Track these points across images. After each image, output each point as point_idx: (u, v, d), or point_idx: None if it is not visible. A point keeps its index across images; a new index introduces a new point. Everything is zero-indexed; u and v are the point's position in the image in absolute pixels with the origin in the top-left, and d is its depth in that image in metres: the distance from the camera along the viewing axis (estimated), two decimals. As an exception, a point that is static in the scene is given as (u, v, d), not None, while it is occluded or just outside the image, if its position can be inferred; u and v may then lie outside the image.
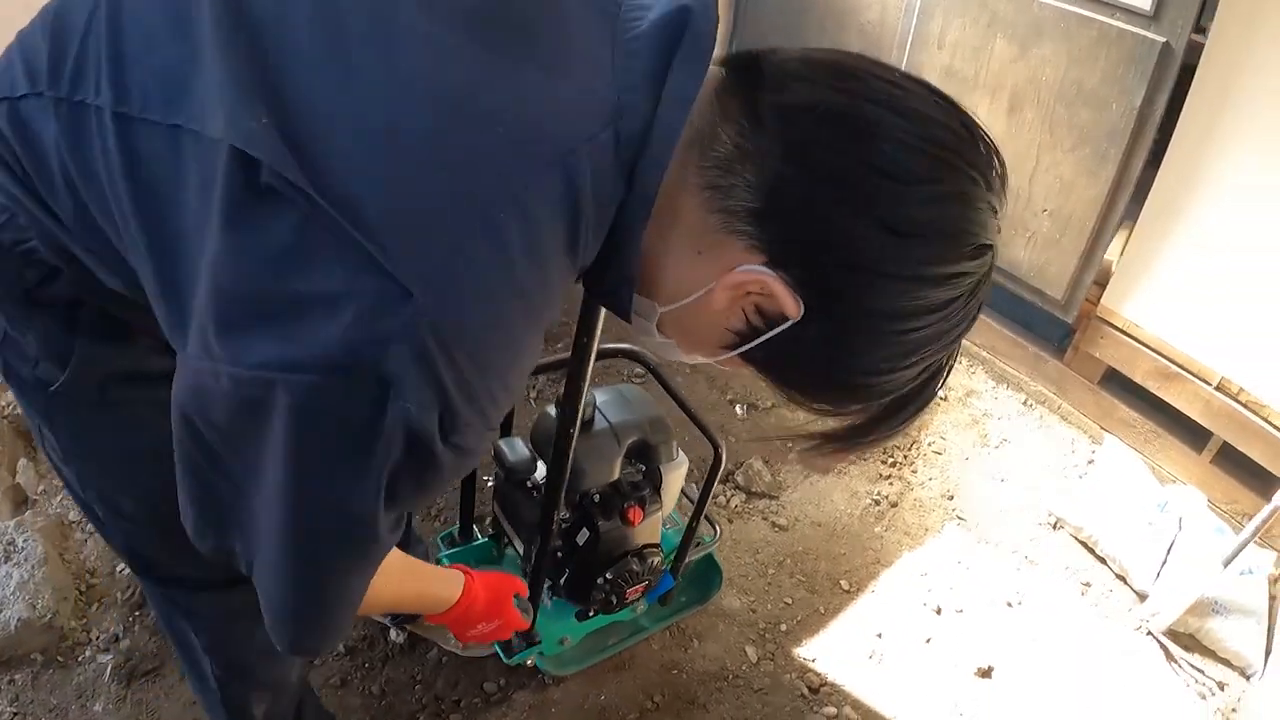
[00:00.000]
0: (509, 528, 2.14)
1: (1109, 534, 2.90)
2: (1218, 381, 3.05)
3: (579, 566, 2.08)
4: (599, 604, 2.10)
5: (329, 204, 0.69)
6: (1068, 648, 2.59)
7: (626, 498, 2.06)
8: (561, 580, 2.12)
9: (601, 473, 2.00)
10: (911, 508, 2.93)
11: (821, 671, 2.42)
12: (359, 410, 0.73)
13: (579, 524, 2.07)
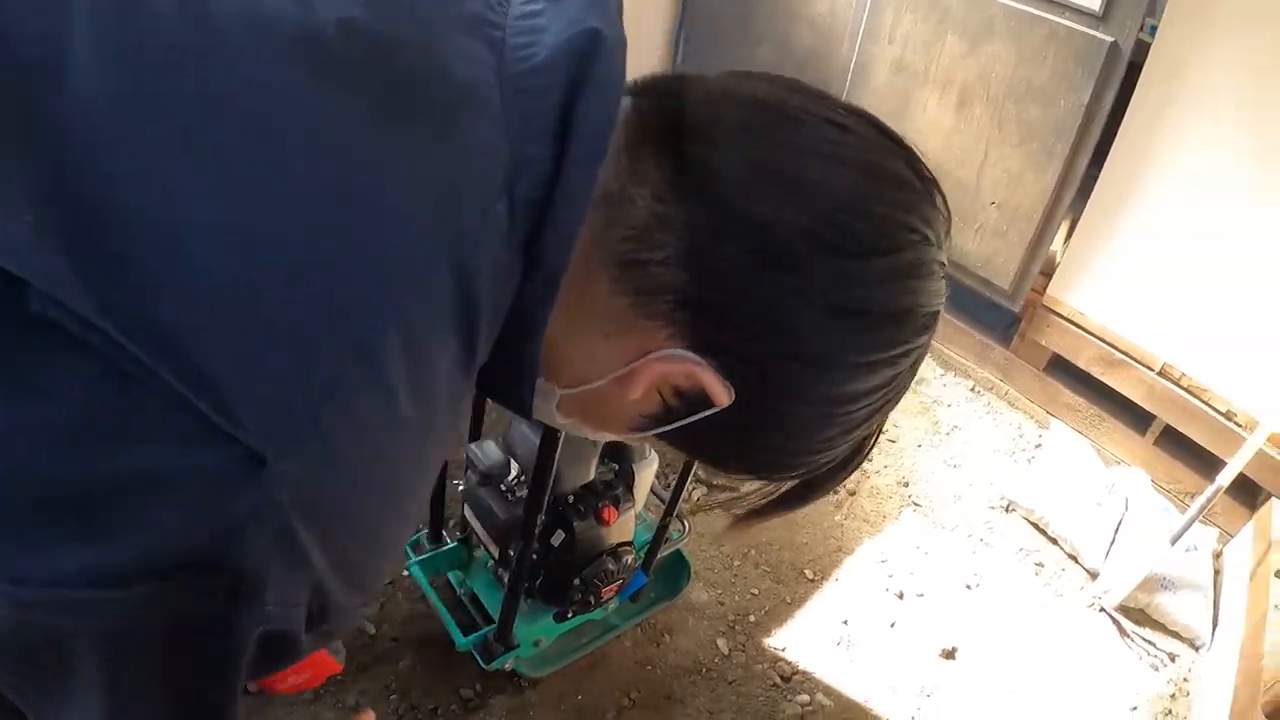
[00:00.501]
0: (480, 531, 2.07)
1: (1059, 516, 2.95)
2: (1160, 367, 3.13)
3: (555, 568, 2.03)
4: (575, 605, 2.05)
5: (137, 344, 0.47)
6: (1025, 626, 2.64)
7: (601, 497, 2.02)
8: (537, 583, 2.06)
9: (578, 474, 1.95)
10: (869, 495, 2.93)
11: (792, 660, 2.41)
12: (199, 625, 0.53)
13: (553, 526, 2.02)
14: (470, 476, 2.06)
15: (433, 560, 2.22)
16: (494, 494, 1.99)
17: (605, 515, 2.00)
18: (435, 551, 2.23)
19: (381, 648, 2.23)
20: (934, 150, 3.41)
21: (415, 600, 2.34)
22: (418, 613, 2.32)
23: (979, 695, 2.43)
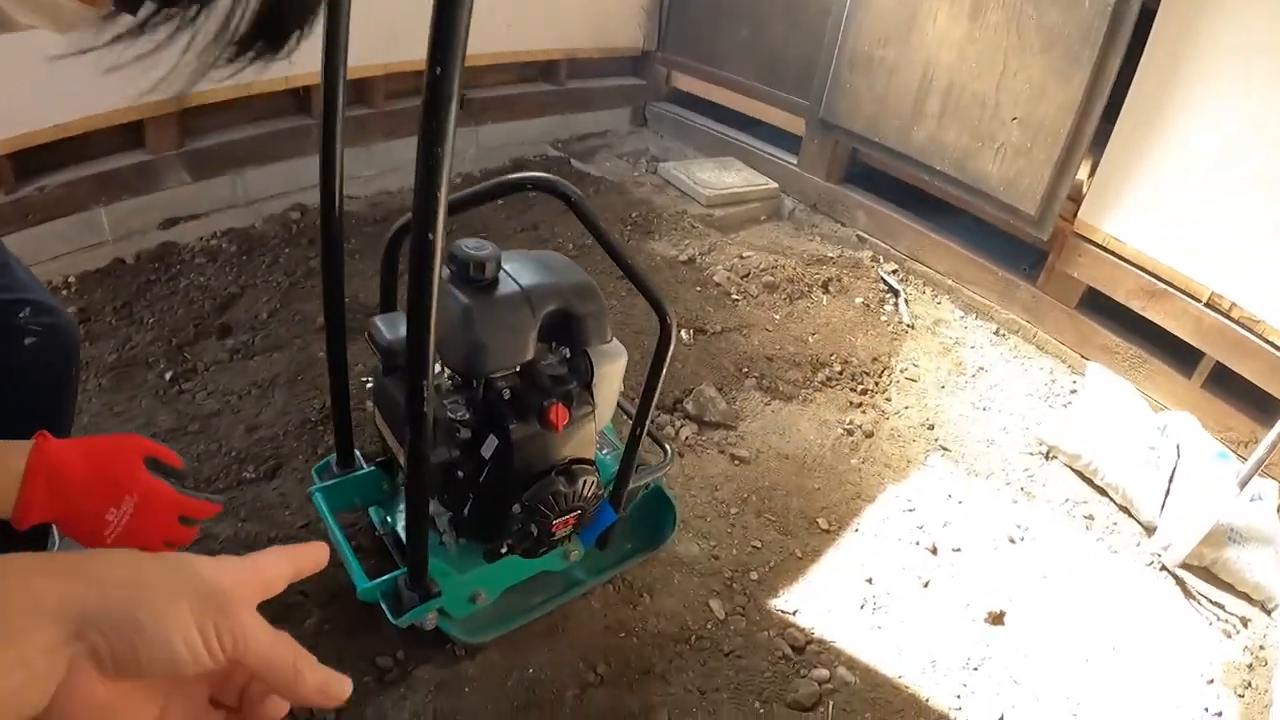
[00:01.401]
0: (391, 439, 1.44)
1: (1108, 463, 2.32)
2: (1207, 297, 2.54)
3: (487, 489, 1.39)
4: (516, 540, 1.42)
5: None
6: (1081, 587, 2.00)
7: (547, 393, 1.39)
8: (465, 510, 1.43)
9: (509, 348, 1.33)
10: (889, 438, 2.30)
11: (805, 626, 1.76)
12: None
13: (483, 429, 1.38)
14: (376, 366, 1.43)
15: (340, 489, 1.59)
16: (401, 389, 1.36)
17: (552, 416, 1.38)
18: (343, 478, 1.59)
19: (282, 603, 1.59)
20: (947, 65, 2.83)
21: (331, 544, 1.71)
22: (332, 560, 1.68)
23: (1034, 668, 1.79)
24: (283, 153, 2.80)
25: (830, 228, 3.30)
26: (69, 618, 0.44)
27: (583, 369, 1.47)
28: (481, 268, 1.32)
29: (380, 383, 1.44)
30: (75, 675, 0.44)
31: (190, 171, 2.65)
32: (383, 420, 1.46)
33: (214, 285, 2.44)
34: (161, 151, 2.59)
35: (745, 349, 2.49)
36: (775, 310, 2.70)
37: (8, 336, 1.17)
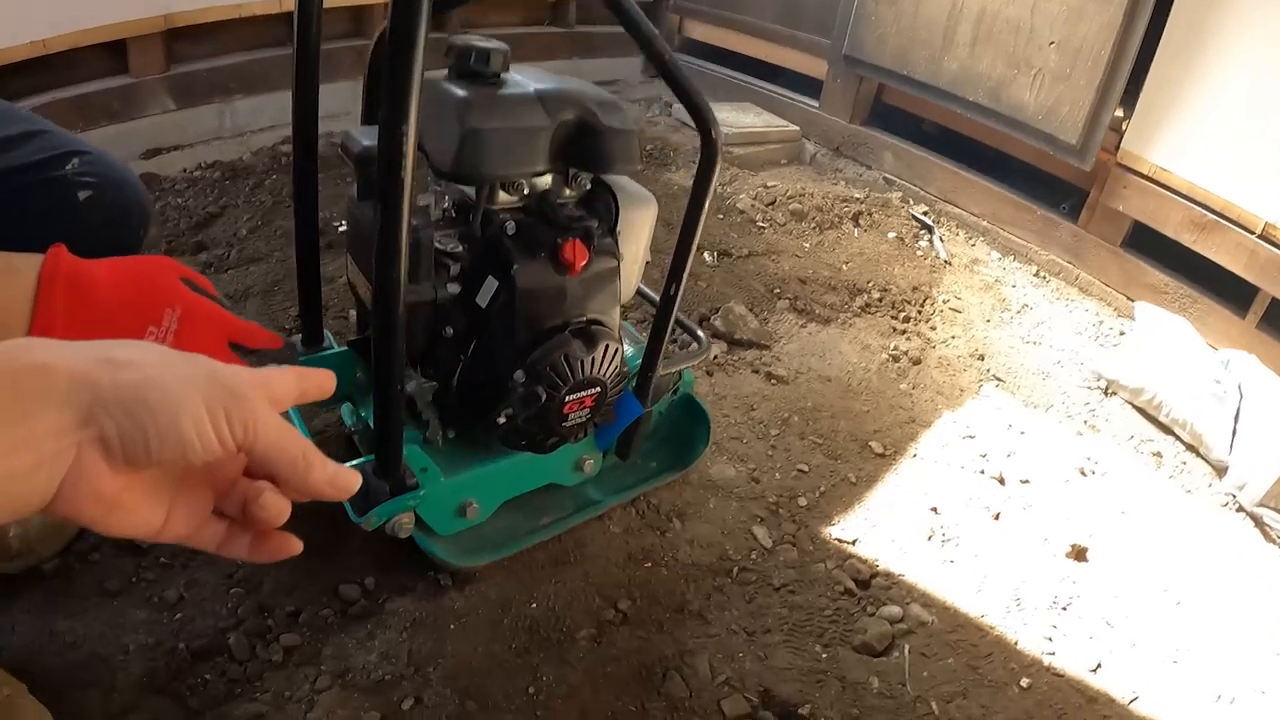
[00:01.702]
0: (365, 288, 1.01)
1: (1173, 399, 1.88)
2: (1261, 228, 2.12)
3: (482, 350, 0.96)
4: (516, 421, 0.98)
5: None
6: (1162, 526, 1.57)
7: (562, 229, 0.96)
8: (453, 381, 0.99)
9: (516, 150, 0.92)
10: (938, 366, 1.87)
11: (868, 558, 1.33)
12: None
13: (480, 271, 0.96)
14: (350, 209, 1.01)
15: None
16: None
17: (568, 254, 0.95)
18: (307, 357, 1.16)
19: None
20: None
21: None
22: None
23: (1126, 610, 1.35)
24: (274, 83, 2.39)
25: (855, 171, 2.88)
26: (79, 402, 0.39)
27: (605, 209, 1.04)
28: (486, 58, 0.90)
29: (354, 218, 1.01)
30: (83, 463, 0.39)
31: (175, 98, 2.24)
32: (357, 269, 1.03)
33: (192, 206, 2.03)
34: (145, 75, 2.18)
35: (775, 271, 2.06)
36: (804, 239, 2.27)
37: (57, 192, 0.89)
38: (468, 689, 1.04)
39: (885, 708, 1.12)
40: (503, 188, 0.98)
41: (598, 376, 1.03)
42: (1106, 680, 1.21)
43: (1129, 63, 2.24)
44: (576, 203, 1.06)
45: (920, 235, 2.44)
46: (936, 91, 2.59)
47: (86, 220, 0.91)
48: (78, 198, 0.90)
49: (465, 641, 1.09)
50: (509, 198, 1.00)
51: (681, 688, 1.08)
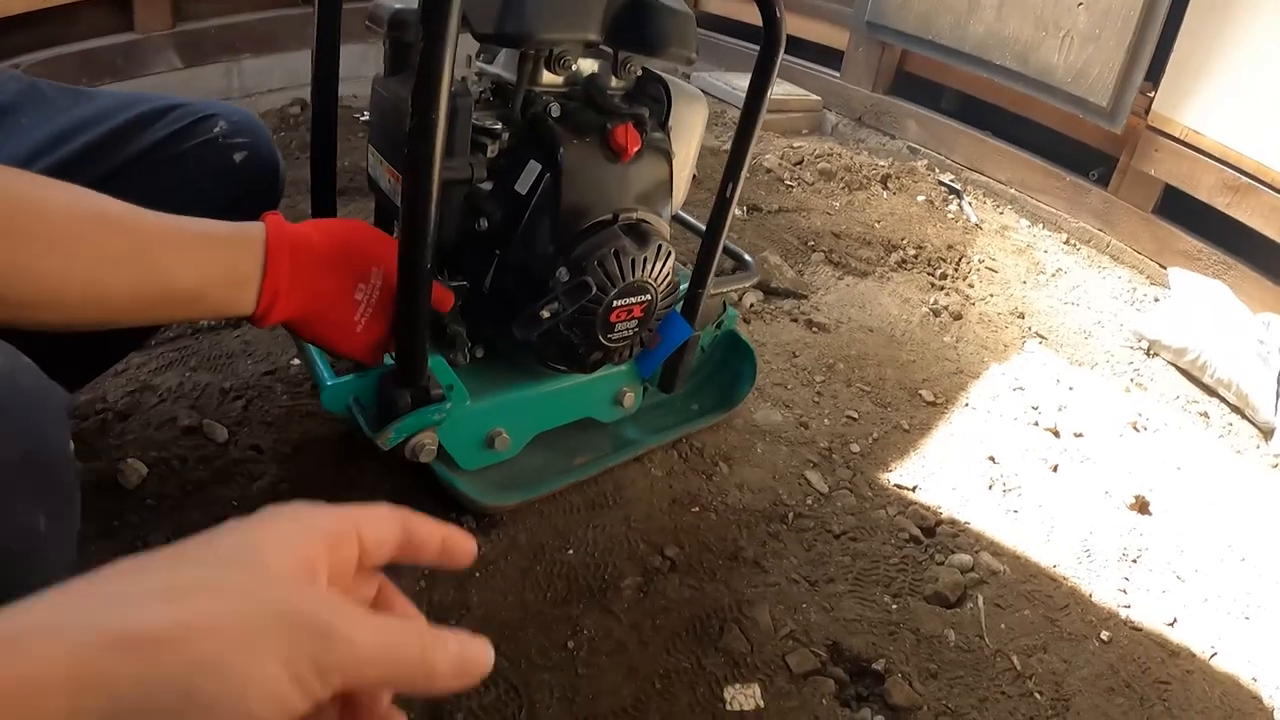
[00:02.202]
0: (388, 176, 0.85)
1: (1217, 358, 1.72)
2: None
3: (522, 242, 0.79)
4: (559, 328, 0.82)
5: None
6: (1218, 482, 1.42)
7: (612, 113, 0.79)
8: (487, 281, 0.82)
9: (564, 13, 0.74)
10: (979, 321, 1.71)
11: (931, 505, 1.17)
12: None
13: (521, 153, 0.79)
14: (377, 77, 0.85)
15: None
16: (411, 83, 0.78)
17: (620, 138, 0.78)
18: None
19: (230, 459, 0.99)
20: (1005, -54, 2.27)
21: (297, 393, 1.11)
22: (300, 410, 1.08)
23: (1193, 564, 1.20)
24: (284, 43, 2.23)
25: (878, 141, 2.72)
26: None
27: (656, 101, 0.87)
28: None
29: (379, 100, 0.84)
30: None
31: (181, 55, 2.08)
32: (378, 160, 0.86)
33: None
34: (151, 31, 2.02)
35: (807, 226, 1.90)
36: (833, 198, 2.11)
37: (213, 156, 0.83)
38: (497, 643, 0.84)
39: (964, 662, 0.95)
40: (547, 65, 0.81)
41: (648, 280, 0.87)
42: (1184, 634, 1.07)
43: (1159, 22, 2.10)
44: (623, 96, 0.90)
45: (949, 199, 2.27)
46: (962, 56, 2.43)
47: (244, 181, 0.87)
48: (234, 160, 0.86)
49: (493, 590, 0.92)
50: (554, 78, 0.83)
51: (741, 641, 0.91)
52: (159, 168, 0.81)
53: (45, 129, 0.78)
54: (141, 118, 0.80)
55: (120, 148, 0.79)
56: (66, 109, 0.79)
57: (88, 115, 0.79)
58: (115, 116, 0.79)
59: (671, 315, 1.00)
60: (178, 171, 0.82)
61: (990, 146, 2.50)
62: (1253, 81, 1.94)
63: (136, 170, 0.80)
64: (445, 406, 0.82)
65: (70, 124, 0.78)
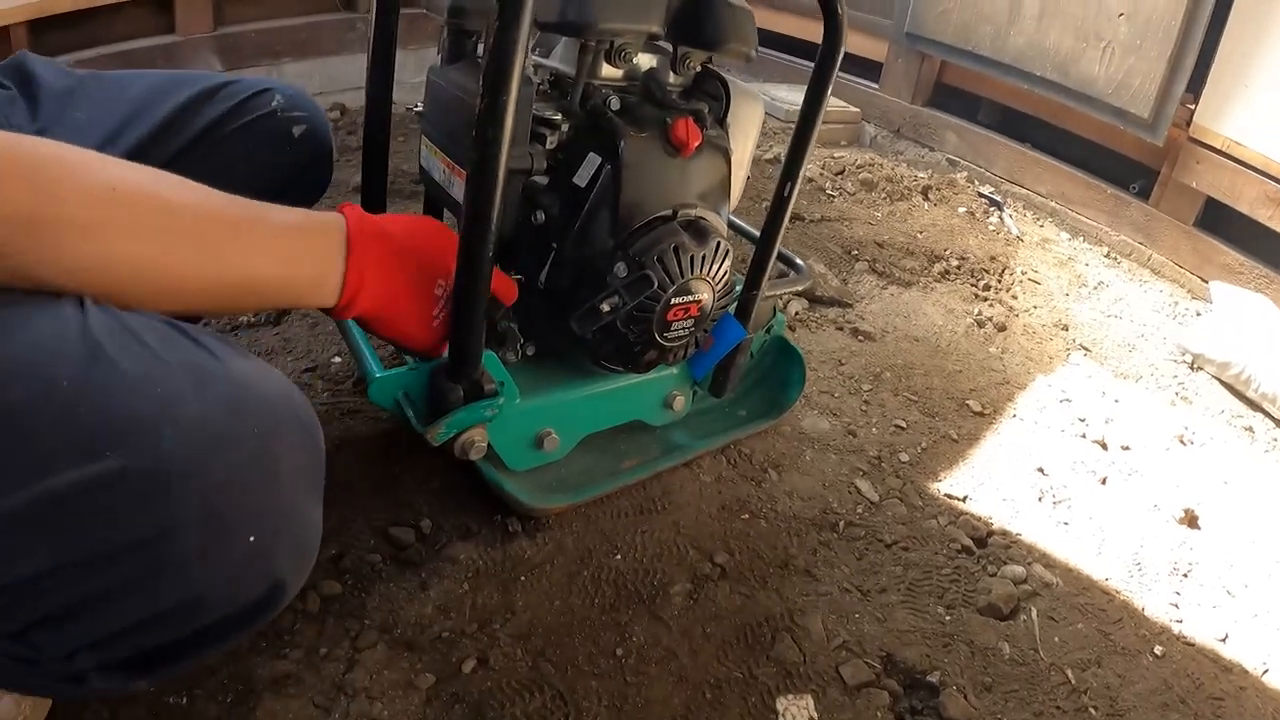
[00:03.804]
0: (443, 167, 0.84)
1: (1262, 372, 1.67)
2: None
3: (580, 236, 0.77)
4: (616, 325, 0.80)
5: None
6: (1267, 497, 1.38)
7: (671, 107, 0.77)
8: (542, 276, 0.80)
9: (623, 6, 0.71)
10: (1023, 333, 1.68)
11: (982, 516, 1.14)
12: None
13: (580, 145, 0.77)
14: (434, 67, 0.84)
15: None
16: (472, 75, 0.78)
17: (680, 132, 0.76)
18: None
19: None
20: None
21: (338, 390, 1.09)
22: (341, 408, 1.07)
23: (1244, 579, 1.17)
24: (324, 48, 2.24)
25: (916, 153, 2.69)
26: None
27: (715, 93, 0.85)
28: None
29: (435, 90, 0.83)
30: None
31: (222, 59, 2.09)
32: (432, 150, 0.85)
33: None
34: (192, 33, 2.03)
35: (850, 236, 1.88)
36: (875, 208, 2.08)
37: (273, 130, 0.84)
38: (543, 649, 0.84)
39: (1018, 675, 0.92)
40: (607, 58, 0.80)
41: (707, 278, 0.84)
42: (1236, 650, 1.04)
43: (1200, 32, 2.06)
44: (681, 93, 0.88)
45: (990, 211, 2.24)
46: (1002, 67, 2.40)
47: (303, 154, 0.88)
48: (293, 133, 0.86)
49: (539, 595, 0.90)
50: (613, 72, 0.82)
51: (794, 651, 0.88)
52: (224, 142, 0.81)
53: (107, 118, 0.78)
54: (200, 95, 0.81)
55: (186, 126, 0.79)
56: (118, 95, 0.80)
57: (143, 97, 0.79)
58: (172, 95, 0.80)
59: (725, 317, 0.98)
60: (242, 145, 0.82)
61: (1030, 159, 2.46)
62: (1297, 89, 1.90)
63: (203, 145, 0.80)
64: (498, 402, 0.80)
65: (131, 109, 0.78)
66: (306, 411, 0.51)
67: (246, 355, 0.52)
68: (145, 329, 0.48)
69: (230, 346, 0.51)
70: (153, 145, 0.77)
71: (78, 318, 0.46)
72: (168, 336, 0.48)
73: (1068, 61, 2.25)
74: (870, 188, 2.15)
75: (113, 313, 0.48)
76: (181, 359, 0.47)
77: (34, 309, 0.44)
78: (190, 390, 0.45)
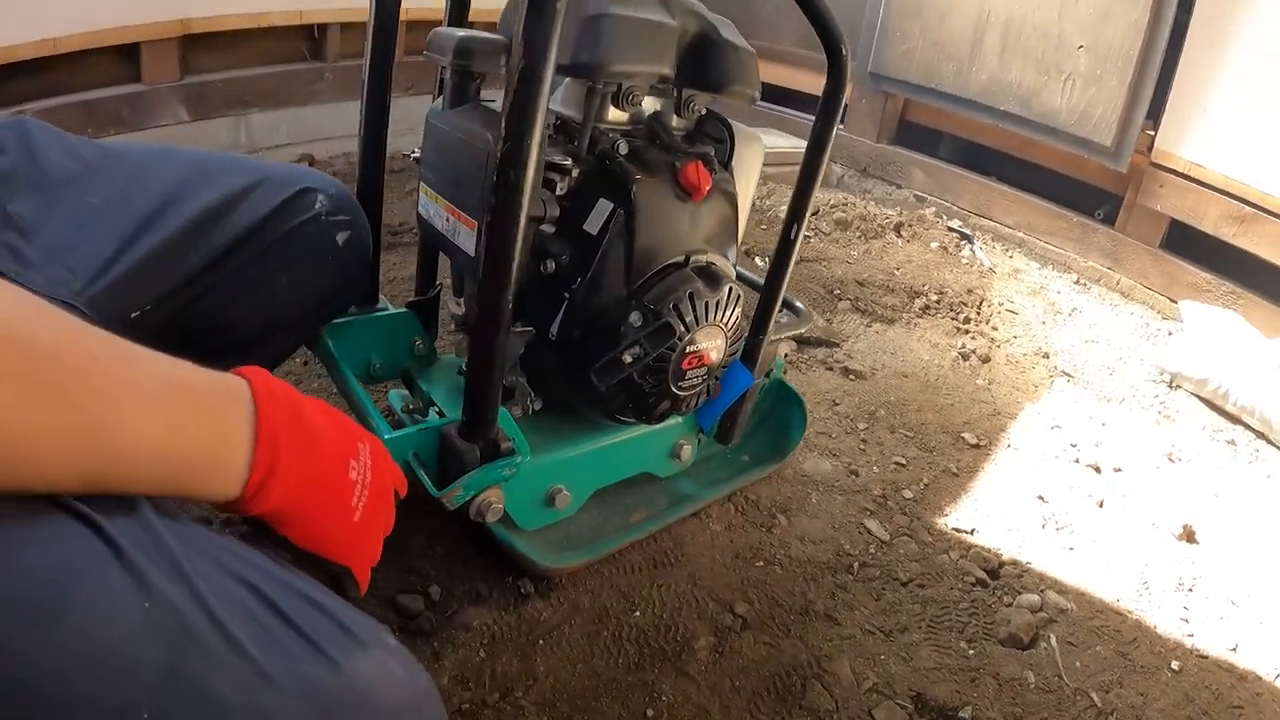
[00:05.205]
0: (445, 215, 0.84)
1: (1238, 386, 1.74)
2: None
3: (593, 285, 0.77)
4: (628, 375, 0.80)
5: None
6: (1256, 507, 1.43)
7: (678, 151, 0.78)
8: (552, 327, 0.80)
9: (644, 44, 0.77)
10: (1007, 363, 1.72)
11: (991, 548, 1.15)
12: None
13: (589, 191, 0.78)
14: (434, 109, 0.84)
15: (356, 332, 0.96)
16: (479, 119, 0.78)
17: (691, 176, 0.78)
18: (360, 317, 0.96)
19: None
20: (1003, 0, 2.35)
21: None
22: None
23: (1246, 590, 1.21)
24: (292, 98, 2.23)
25: (884, 190, 2.76)
26: None
27: (718, 135, 0.87)
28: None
29: (437, 135, 0.83)
30: None
31: (189, 108, 2.08)
32: (433, 197, 0.85)
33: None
34: (158, 82, 2.02)
35: (830, 275, 1.91)
36: (851, 247, 2.13)
37: (317, 237, 0.79)
38: (570, 716, 0.82)
39: (1046, 703, 0.93)
40: (614, 102, 0.81)
41: (721, 325, 0.85)
42: (1248, 658, 1.07)
43: (1158, 60, 2.16)
44: (684, 136, 0.90)
45: (961, 245, 2.30)
46: (966, 103, 2.49)
47: (348, 264, 0.82)
48: (337, 240, 0.80)
49: (560, 658, 0.88)
50: (619, 115, 0.83)
51: (825, 698, 0.88)
52: (265, 250, 0.75)
53: (128, 209, 0.70)
54: (237, 194, 0.74)
55: (223, 226, 0.73)
56: (138, 180, 0.72)
57: (170, 189, 0.72)
58: (203, 189, 0.73)
59: (732, 364, 0.98)
60: (284, 254, 0.76)
61: (996, 191, 2.54)
62: (1251, 113, 2.00)
63: (243, 251, 0.74)
64: (516, 460, 0.79)
65: (155, 202, 0.71)
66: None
67: (356, 632, 0.44)
68: (223, 599, 0.39)
69: (335, 622, 0.44)
70: (181, 247, 0.70)
71: (126, 581, 0.36)
72: (259, 618, 0.40)
73: (1030, 95, 2.34)
74: (845, 227, 2.19)
75: (178, 570, 0.39)
76: (288, 670, 0.39)
77: (72, 558, 0.35)
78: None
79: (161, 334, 0.70)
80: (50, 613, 0.33)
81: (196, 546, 0.42)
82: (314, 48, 2.29)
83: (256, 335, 0.81)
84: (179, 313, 0.73)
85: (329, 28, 2.24)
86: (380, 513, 0.57)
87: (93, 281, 0.66)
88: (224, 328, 0.78)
